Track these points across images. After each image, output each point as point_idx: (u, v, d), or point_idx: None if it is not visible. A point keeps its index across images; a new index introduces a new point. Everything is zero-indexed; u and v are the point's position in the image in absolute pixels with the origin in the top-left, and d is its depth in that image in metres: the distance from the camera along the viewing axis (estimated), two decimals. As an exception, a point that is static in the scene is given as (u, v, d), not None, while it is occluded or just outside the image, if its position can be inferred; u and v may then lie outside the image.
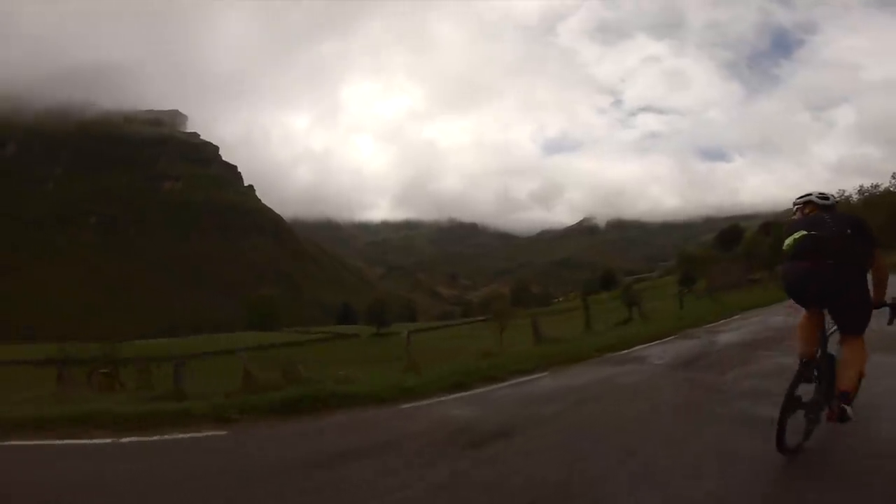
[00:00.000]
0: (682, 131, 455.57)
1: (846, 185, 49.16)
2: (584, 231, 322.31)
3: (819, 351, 3.54)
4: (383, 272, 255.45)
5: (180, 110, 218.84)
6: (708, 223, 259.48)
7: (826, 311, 3.56)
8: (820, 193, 3.73)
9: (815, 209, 3.66)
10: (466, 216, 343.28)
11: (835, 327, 3.62)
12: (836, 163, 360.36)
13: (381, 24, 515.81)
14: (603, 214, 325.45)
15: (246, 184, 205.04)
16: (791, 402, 3.36)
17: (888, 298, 3.61)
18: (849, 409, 3.28)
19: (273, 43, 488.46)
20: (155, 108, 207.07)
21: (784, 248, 3.53)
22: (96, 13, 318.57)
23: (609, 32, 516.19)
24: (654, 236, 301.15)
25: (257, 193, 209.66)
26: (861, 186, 46.91)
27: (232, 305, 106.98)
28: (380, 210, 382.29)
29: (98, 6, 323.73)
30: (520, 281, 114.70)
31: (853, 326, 3.48)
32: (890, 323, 3.56)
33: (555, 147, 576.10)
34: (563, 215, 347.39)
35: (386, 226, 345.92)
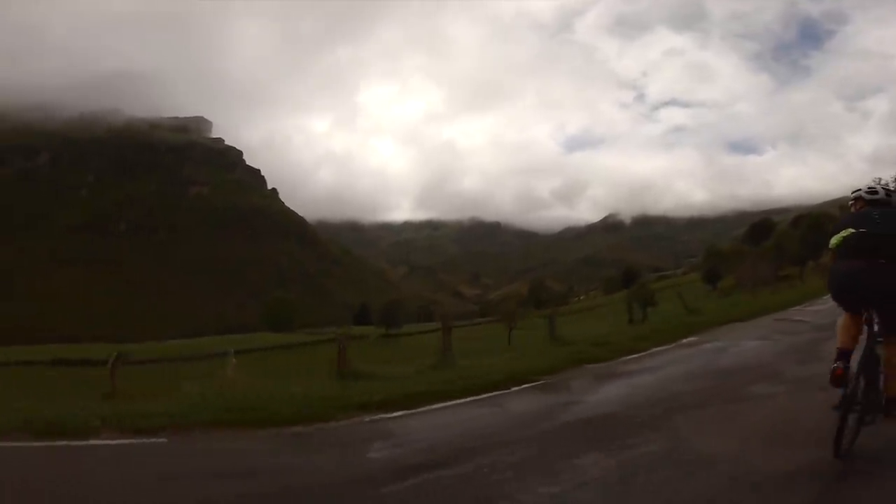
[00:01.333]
0: (709, 125, 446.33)
1: (884, 174, 46.87)
2: (609, 228, 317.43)
3: (865, 349, 3.41)
4: (406, 272, 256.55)
5: (205, 116, 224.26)
6: (740, 218, 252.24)
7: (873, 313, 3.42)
8: (869, 188, 3.63)
9: (864, 205, 3.58)
10: (488, 215, 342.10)
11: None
12: (872, 154, 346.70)
13: (396, 28, 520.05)
14: (628, 211, 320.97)
15: (269, 187, 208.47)
16: (851, 402, 3.18)
17: None
18: None
19: (291, 48, 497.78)
20: (180, 115, 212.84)
21: (831, 245, 3.48)
22: (120, 23, 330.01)
23: (628, 26, 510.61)
24: (682, 232, 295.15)
25: (281, 197, 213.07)
26: None
27: (258, 307, 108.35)
28: (402, 211, 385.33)
29: (121, 16, 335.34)
30: (537, 280, 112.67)
31: None
32: None
33: (576, 144, 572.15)
34: (586, 212, 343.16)
35: (408, 226, 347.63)
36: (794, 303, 15.16)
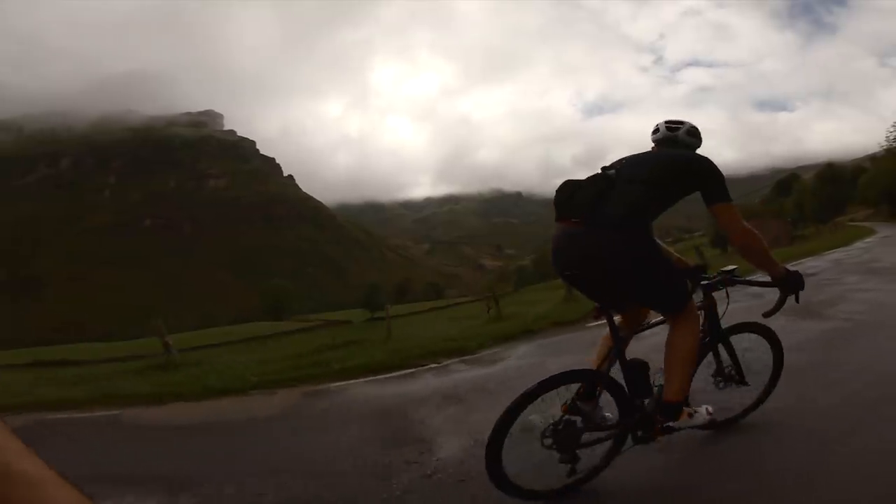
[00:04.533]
0: (735, 84, 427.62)
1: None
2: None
3: (607, 364, 2.25)
4: (429, 248, 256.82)
5: (215, 110, 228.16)
6: (774, 175, 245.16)
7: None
8: (669, 122, 2.42)
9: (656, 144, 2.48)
10: (509, 186, 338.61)
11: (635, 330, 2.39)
12: None
13: (400, 4, 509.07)
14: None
15: (285, 174, 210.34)
16: (510, 424, 2.04)
17: (774, 273, 2.23)
18: (676, 424, 2.18)
19: (296, 36, 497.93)
20: (192, 111, 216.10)
21: None
22: (126, 24, 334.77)
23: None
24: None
25: (299, 182, 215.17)
26: None
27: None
28: (422, 187, 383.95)
29: (127, 18, 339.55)
30: (542, 252, 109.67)
31: (660, 305, 2.23)
32: (767, 314, 2.30)
33: (596, 109, 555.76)
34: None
35: (429, 202, 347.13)
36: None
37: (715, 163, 2.14)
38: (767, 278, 2.22)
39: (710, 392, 2.51)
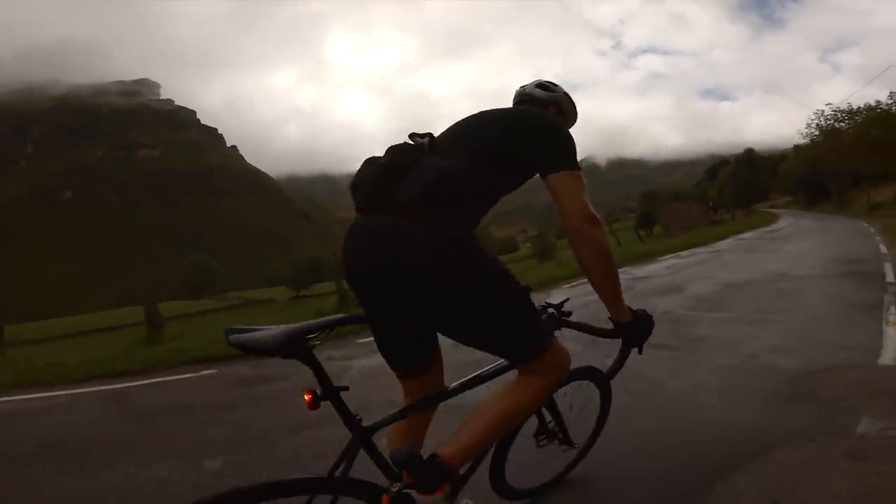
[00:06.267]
0: (685, 72, 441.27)
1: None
2: (585, 171, 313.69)
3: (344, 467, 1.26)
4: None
5: (150, 78, 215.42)
6: (713, 161, 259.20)
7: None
8: (521, 88, 1.73)
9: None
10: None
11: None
12: (841, 103, 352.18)
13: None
14: (603, 154, 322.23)
15: (229, 145, 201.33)
16: None
17: (618, 314, 1.46)
18: (419, 498, 1.26)
19: (245, 5, 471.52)
20: (125, 79, 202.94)
21: None
22: None
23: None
24: (656, 174, 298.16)
25: (245, 154, 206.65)
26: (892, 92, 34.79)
27: (223, 269, 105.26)
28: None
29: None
30: (481, 228, 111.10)
31: (506, 345, 1.34)
32: (608, 376, 1.74)
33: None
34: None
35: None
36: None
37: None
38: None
39: (530, 450, 1.87)
